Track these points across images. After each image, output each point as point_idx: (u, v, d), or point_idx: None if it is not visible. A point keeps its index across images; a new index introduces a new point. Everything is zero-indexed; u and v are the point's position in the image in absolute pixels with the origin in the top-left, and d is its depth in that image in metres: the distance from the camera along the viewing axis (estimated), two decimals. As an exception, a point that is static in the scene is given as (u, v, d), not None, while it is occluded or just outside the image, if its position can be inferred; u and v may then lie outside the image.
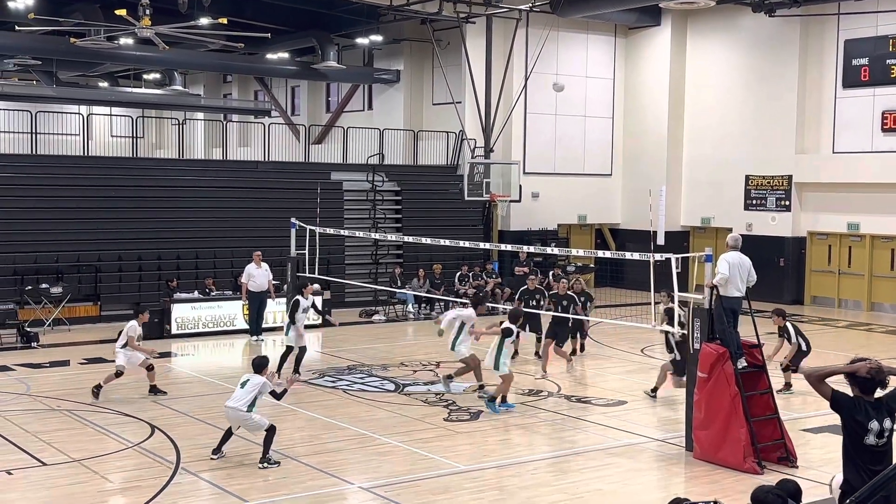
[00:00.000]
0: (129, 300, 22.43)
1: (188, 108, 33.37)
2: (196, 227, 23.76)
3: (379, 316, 23.89)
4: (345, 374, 16.88)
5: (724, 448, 11.29)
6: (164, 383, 16.09)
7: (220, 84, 41.05)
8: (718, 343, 11.49)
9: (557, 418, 13.89)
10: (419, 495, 10.27)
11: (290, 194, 24.56)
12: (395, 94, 31.50)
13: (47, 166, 23.45)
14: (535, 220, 28.74)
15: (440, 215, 26.90)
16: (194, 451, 11.77)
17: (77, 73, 35.19)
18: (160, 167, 25.94)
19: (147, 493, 10.11)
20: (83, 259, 22.18)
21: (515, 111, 28.30)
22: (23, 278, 21.25)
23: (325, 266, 21.98)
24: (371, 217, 26.44)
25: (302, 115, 35.71)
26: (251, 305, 20.35)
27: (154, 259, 23.15)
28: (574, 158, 30.09)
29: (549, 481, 11.01)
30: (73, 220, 22.32)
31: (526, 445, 12.64)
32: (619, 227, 31.13)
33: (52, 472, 10.96)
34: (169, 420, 13.30)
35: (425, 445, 12.19)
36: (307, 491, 10.38)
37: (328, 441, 12.44)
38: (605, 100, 30.63)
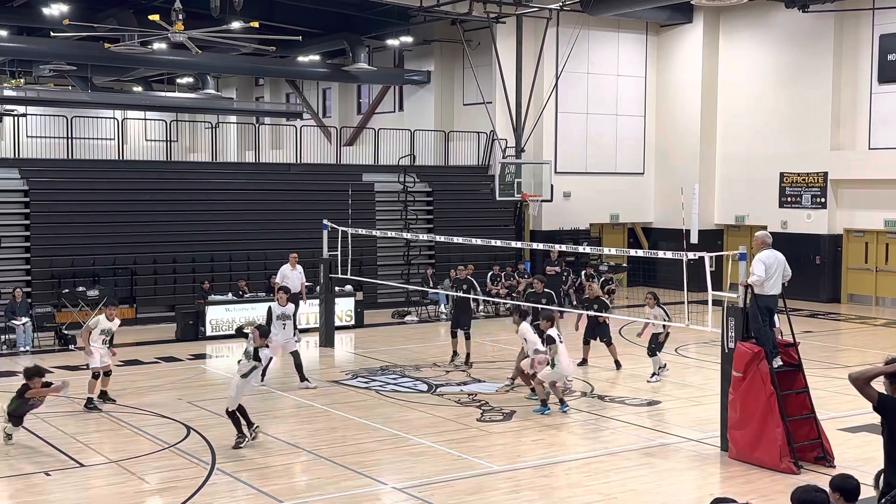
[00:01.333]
0: (164, 303, 22.70)
1: (221, 112, 33.64)
2: (229, 230, 23.94)
3: (411, 317, 23.94)
4: (378, 374, 16.93)
5: (759, 448, 11.19)
6: (199, 385, 16.28)
7: (252, 87, 41.35)
8: (754, 342, 11.39)
9: (591, 418, 13.83)
10: (453, 496, 10.27)
11: (321, 196, 24.67)
12: (426, 95, 31.54)
13: (83, 171, 23.74)
14: (566, 219, 28.64)
15: (472, 216, 26.89)
16: (230, 452, 11.86)
17: (111, 78, 35.59)
18: (194, 170, 26.16)
19: (183, 494, 10.20)
20: (119, 262, 22.43)
21: (546, 110, 28.23)
22: (60, 281, 21.53)
23: (357, 267, 22.05)
24: (403, 218, 26.49)
25: (333, 117, 35.86)
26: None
27: (188, 262, 23.36)
28: (606, 157, 29.96)
29: (582, 481, 10.96)
30: (109, 224, 22.56)
31: (559, 446, 12.59)
32: (651, 226, 30.95)
33: (90, 472, 11.09)
34: (204, 421, 13.41)
35: (459, 446, 12.19)
36: (341, 491, 10.42)
37: (362, 441, 12.48)
38: (637, 98, 30.47)
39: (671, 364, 18.08)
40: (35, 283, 21.59)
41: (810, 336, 20.52)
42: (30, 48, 27.54)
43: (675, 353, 18.98)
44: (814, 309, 24.96)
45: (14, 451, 11.98)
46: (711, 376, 15.95)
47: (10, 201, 22.00)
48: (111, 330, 14.40)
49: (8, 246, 21.73)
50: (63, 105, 30.03)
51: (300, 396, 15.24)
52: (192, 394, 15.26)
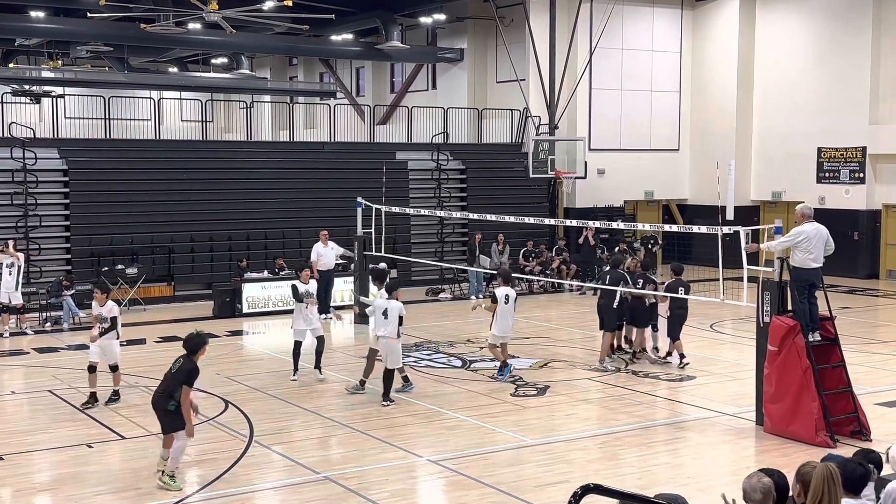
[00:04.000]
0: (201, 280, 22.96)
1: (255, 91, 33.82)
2: (265, 208, 24.14)
3: (445, 294, 24.02)
4: (412, 350, 17.04)
5: (795, 422, 11.15)
6: (236, 361, 16.49)
7: (286, 67, 41.50)
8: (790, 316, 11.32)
9: (625, 393, 13.84)
10: (487, 468, 10.36)
11: (355, 174, 24.77)
12: (459, 73, 31.48)
13: (121, 150, 24.03)
14: (601, 196, 28.52)
15: (505, 193, 26.86)
16: (267, 424, 12.04)
17: (147, 58, 35.87)
18: (229, 150, 26.38)
19: (222, 465, 10.38)
20: (157, 241, 22.71)
21: (580, 87, 28.07)
22: (99, 260, 21.87)
23: (391, 245, 22.15)
24: (436, 196, 26.54)
25: (367, 95, 35.92)
26: (320, 284, 20.60)
27: (225, 240, 23.60)
28: (640, 134, 29.76)
29: (617, 455, 11.00)
30: (147, 203, 22.83)
31: (594, 420, 12.63)
32: (686, 202, 30.73)
33: (131, 445, 11.31)
34: (242, 396, 13.60)
35: (493, 420, 12.27)
36: (377, 463, 10.54)
37: (396, 416, 12.59)
38: (672, 73, 30.19)
39: (707, 340, 18.06)
40: (75, 262, 21.93)
41: (848, 312, 20.32)
42: (67, 29, 27.82)
43: (710, 329, 18.93)
44: (852, 285, 24.70)
45: (56, 423, 12.24)
46: (746, 352, 15.91)
47: (51, 181, 22.32)
48: (104, 317, 12.85)
49: (49, 225, 22.08)
50: (100, 86, 30.35)
51: (334, 371, 15.40)
52: (229, 369, 15.47)
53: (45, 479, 10.22)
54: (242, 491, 9.72)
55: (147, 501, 9.29)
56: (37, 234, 21.78)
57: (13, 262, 18.43)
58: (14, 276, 18.40)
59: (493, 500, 9.28)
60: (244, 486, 9.84)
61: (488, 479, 9.93)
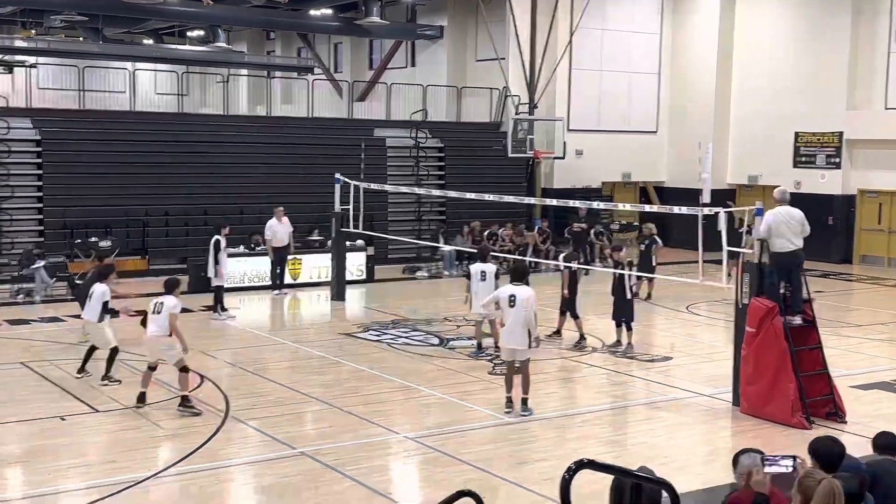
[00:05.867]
0: (176, 254, 22.74)
1: (232, 65, 33.37)
2: (241, 183, 23.91)
3: (422, 272, 23.97)
4: (389, 328, 16.98)
5: (772, 403, 11.21)
6: (211, 336, 16.38)
7: (264, 41, 41.07)
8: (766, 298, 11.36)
9: (602, 373, 13.87)
10: (465, 445, 10.34)
11: (333, 150, 24.59)
12: (439, 51, 31.29)
13: (95, 122, 23.66)
14: (579, 177, 28.50)
15: (483, 172, 26.76)
16: (242, 399, 11.95)
17: (122, 29, 35.39)
18: (205, 123, 26.04)
19: (198, 440, 10.29)
20: (130, 213, 22.44)
21: (560, 67, 27.98)
22: (73, 232, 21.58)
23: (368, 222, 22.01)
24: (414, 174, 26.42)
25: (345, 72, 35.64)
26: (274, 261, 20.50)
27: (200, 214, 23.36)
28: (619, 115, 29.75)
29: (594, 434, 11.02)
30: (121, 175, 22.54)
31: (571, 399, 12.65)
32: (664, 185, 30.80)
33: (105, 418, 11.19)
34: (218, 371, 13.50)
35: (470, 397, 12.24)
36: (355, 440, 10.49)
37: (374, 392, 12.54)
38: (652, 55, 30.18)
39: (683, 321, 18.15)
40: (48, 233, 21.64)
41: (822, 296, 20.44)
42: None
43: (686, 311, 19.00)
44: (826, 269, 24.89)
45: (29, 395, 12.08)
46: (721, 333, 16.03)
47: (23, 150, 21.98)
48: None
49: (21, 196, 21.75)
50: (74, 56, 29.85)
51: (311, 347, 15.33)
52: (204, 344, 15.30)
53: (17, 451, 10.09)
54: (218, 465, 9.64)
55: (120, 474, 9.19)
56: (8, 204, 21.45)
57: None
58: None
59: (470, 476, 9.25)
60: (220, 461, 9.76)
61: (466, 456, 9.91)
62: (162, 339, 11.34)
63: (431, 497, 8.65)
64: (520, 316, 11.11)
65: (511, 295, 11.26)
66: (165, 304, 11.34)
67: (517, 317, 11.13)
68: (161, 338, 11.33)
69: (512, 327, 11.19)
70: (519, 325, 11.14)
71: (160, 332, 11.32)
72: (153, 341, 11.42)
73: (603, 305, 17.45)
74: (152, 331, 11.37)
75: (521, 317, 11.11)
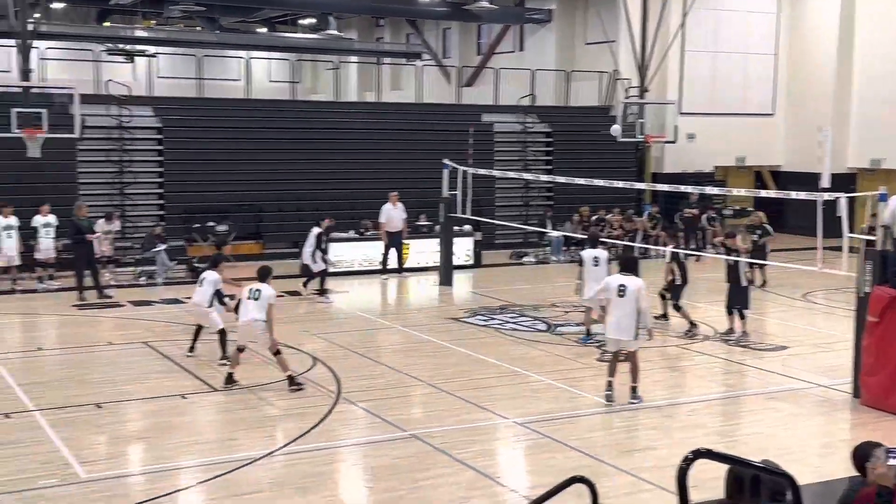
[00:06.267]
0: (289, 238, 23.23)
1: (342, 52, 33.94)
2: (351, 169, 24.27)
3: (529, 258, 23.90)
4: (496, 313, 17.01)
5: (894, 394, 10.78)
6: (323, 318, 16.70)
7: (373, 28, 41.51)
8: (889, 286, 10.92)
9: (714, 361, 13.59)
10: (573, 432, 10.29)
11: (441, 136, 24.69)
12: (547, 34, 31.04)
13: (212, 109, 24.38)
14: (690, 162, 27.91)
15: (592, 157, 26.48)
16: (353, 382, 12.16)
17: (237, 18, 36.31)
18: (316, 110, 26.55)
19: (311, 420, 10.52)
20: (246, 199, 23.04)
21: (672, 49, 27.39)
22: (191, 217, 22.29)
23: (476, 207, 22.07)
24: (522, 159, 26.33)
25: (453, 57, 35.73)
26: (389, 245, 20.72)
27: (311, 199, 23.82)
28: (733, 97, 28.96)
29: (705, 423, 10.82)
30: (236, 162, 23.16)
31: (682, 387, 12.44)
32: (780, 169, 29.88)
33: (222, 397, 11.54)
34: (330, 353, 13.76)
35: (578, 384, 12.17)
36: (463, 423, 10.56)
37: (481, 377, 12.59)
38: (768, 35, 29.24)
39: (800, 310, 17.63)
40: (168, 218, 22.41)
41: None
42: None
43: (803, 300, 18.44)
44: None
45: (152, 374, 12.57)
46: (840, 323, 15.48)
47: (145, 138, 22.81)
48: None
49: (143, 181, 22.59)
50: (192, 45, 30.81)
51: (420, 332, 15.48)
52: (315, 327, 15.67)
53: (139, 427, 10.52)
54: (330, 445, 9.85)
55: (237, 452, 9.48)
56: (131, 190, 22.31)
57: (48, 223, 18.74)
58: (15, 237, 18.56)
59: (579, 462, 9.21)
60: (332, 442, 9.97)
61: (574, 443, 9.86)
62: (259, 324, 11.60)
63: (539, 482, 8.65)
64: (629, 307, 10.94)
65: (621, 285, 11.06)
66: (264, 293, 11.63)
67: (626, 308, 10.95)
68: (258, 322, 11.59)
69: (620, 319, 11.01)
70: (627, 317, 10.96)
71: (258, 317, 11.57)
72: (250, 326, 11.67)
73: (715, 293, 17.11)
74: (251, 316, 11.62)
75: (631, 308, 10.93)
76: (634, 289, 10.98)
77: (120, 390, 11.81)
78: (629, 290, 10.97)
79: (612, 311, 11.10)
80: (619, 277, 11.21)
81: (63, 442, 9.69)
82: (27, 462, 9.13)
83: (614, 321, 11.08)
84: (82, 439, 9.89)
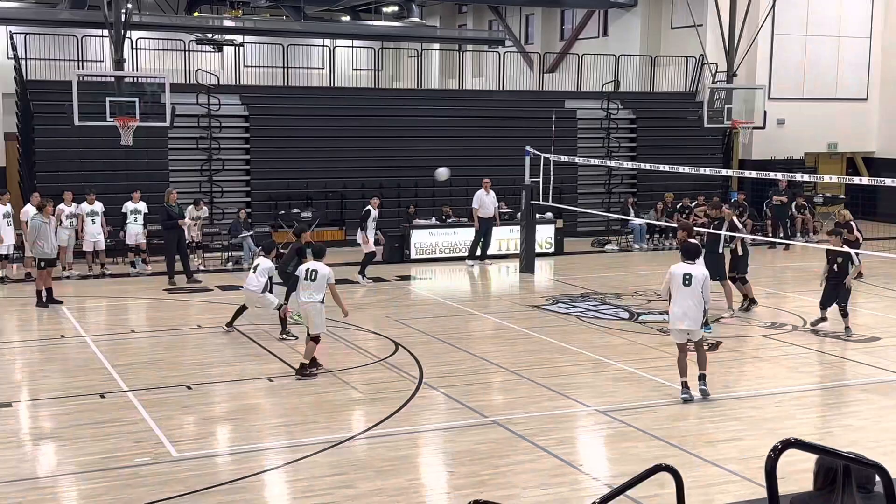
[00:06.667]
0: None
1: (425, 40, 34.03)
2: (433, 156, 24.29)
3: (611, 246, 23.68)
4: (578, 301, 16.92)
5: None
6: (406, 303, 16.85)
7: (456, 15, 41.51)
8: None
9: (803, 352, 13.29)
10: (657, 421, 10.19)
11: (524, 123, 24.61)
12: (632, 19, 30.62)
13: (297, 98, 24.75)
14: (779, 148, 27.27)
15: (677, 143, 26.08)
16: (436, 367, 12.25)
17: (322, 7, 36.68)
18: (399, 98, 26.70)
19: (393, 405, 10.64)
20: (329, 186, 23.35)
21: (761, 33, 26.75)
22: (276, 203, 22.69)
23: (557, 194, 21.96)
24: (605, 146, 26.07)
25: (536, 43, 35.51)
26: (479, 231, 20.76)
27: (394, 186, 24.01)
28: (825, 82, 28.17)
29: (793, 414, 10.59)
30: (320, 149, 23.47)
31: (768, 378, 12.19)
32: (873, 155, 28.97)
33: (307, 381, 11.73)
34: (412, 339, 13.87)
35: (662, 373, 12.03)
36: (545, 411, 10.55)
37: (563, 365, 12.55)
38: (863, 18, 28.33)
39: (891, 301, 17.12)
40: (254, 205, 22.85)
41: None
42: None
43: (887, 289, 17.88)
44: None
45: (239, 357, 12.86)
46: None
47: (233, 126, 23.27)
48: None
49: (230, 169, 23.07)
50: (278, 34, 31.28)
51: (501, 318, 15.50)
52: (398, 312, 15.82)
53: (227, 409, 10.77)
54: (412, 430, 9.94)
55: (321, 435, 9.65)
56: (220, 177, 22.80)
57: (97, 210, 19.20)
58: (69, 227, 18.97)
59: (662, 452, 9.12)
60: (414, 426, 10.07)
61: (657, 432, 9.77)
62: (316, 306, 11.69)
63: (622, 471, 8.60)
64: (695, 295, 10.72)
65: (686, 273, 10.81)
66: (320, 272, 11.67)
67: (692, 297, 10.72)
68: (316, 304, 11.69)
69: (686, 308, 10.74)
70: (694, 306, 10.74)
71: (316, 298, 11.64)
72: (307, 307, 11.74)
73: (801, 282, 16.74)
74: (310, 297, 11.68)
75: (696, 296, 10.72)
76: (701, 277, 10.77)
77: (209, 372, 12.13)
78: (695, 278, 10.74)
79: (678, 301, 10.80)
80: (684, 266, 10.92)
81: (155, 421, 10.00)
82: (122, 440, 9.45)
83: (680, 311, 10.79)
84: (173, 419, 10.19)
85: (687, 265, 10.90)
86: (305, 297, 11.74)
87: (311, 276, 11.74)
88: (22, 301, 16.64)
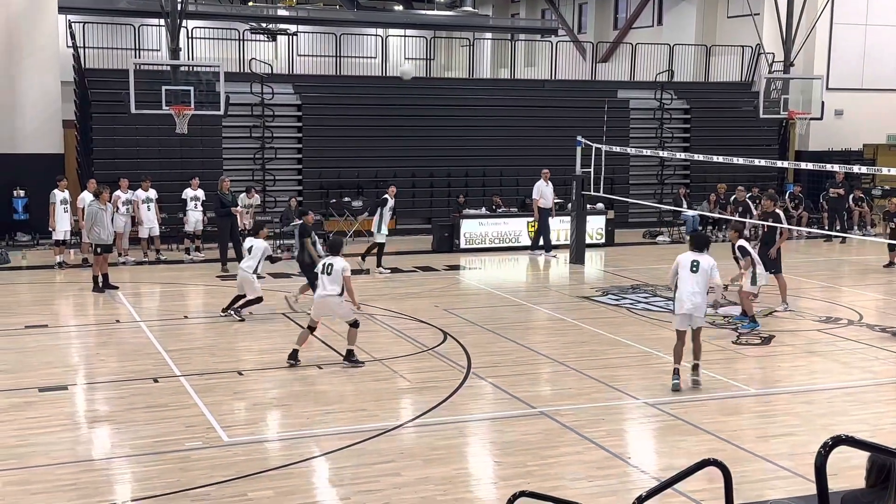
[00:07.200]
0: (421, 215, 23.56)
1: (477, 29, 33.96)
2: (483, 146, 24.34)
3: (663, 237, 23.46)
4: (628, 292, 16.80)
5: None
6: (454, 294, 16.87)
7: (508, 4, 41.36)
8: None
9: (858, 347, 13.05)
10: (707, 415, 10.09)
11: (575, 113, 24.48)
12: (687, 8, 30.23)
13: (349, 87, 24.87)
14: (837, 139, 26.77)
15: (731, 134, 25.74)
16: (484, 357, 12.26)
17: (375, -3, 36.86)
18: (451, 87, 26.70)
19: (442, 394, 10.68)
20: (380, 175, 23.45)
21: (820, 22, 26.24)
22: (328, 192, 22.85)
23: (609, 185, 21.81)
24: (658, 136, 25.81)
25: (589, 32, 35.26)
26: (540, 221, 20.70)
27: (444, 176, 24.04)
28: (886, 73, 27.57)
29: (847, 410, 10.42)
30: (372, 139, 23.57)
31: (822, 373, 12.00)
32: (934, 147, 28.31)
33: (356, 369, 11.81)
34: (460, 328, 13.90)
35: (712, 367, 11.90)
36: (593, 402, 10.51)
37: (612, 357, 12.49)
38: (925, 6, 27.66)
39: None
40: (306, 193, 23.03)
41: None
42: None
43: (956, 285, 17.48)
44: None
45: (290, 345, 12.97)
46: None
47: (286, 115, 23.47)
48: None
49: (283, 157, 23.27)
50: (331, 24, 31.45)
51: (550, 309, 15.45)
52: (447, 302, 15.85)
53: (277, 395, 10.89)
54: (460, 420, 9.97)
55: (370, 422, 9.71)
56: (272, 165, 23.02)
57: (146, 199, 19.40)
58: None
59: (711, 446, 9.03)
60: (462, 416, 10.09)
61: (707, 426, 9.67)
62: (334, 298, 11.71)
63: (670, 465, 8.54)
64: (701, 282, 10.82)
65: (694, 261, 10.92)
66: (336, 266, 11.65)
67: (698, 283, 10.82)
68: (332, 297, 11.70)
69: (692, 294, 10.82)
70: (700, 293, 10.83)
71: (332, 291, 11.65)
72: (324, 300, 11.75)
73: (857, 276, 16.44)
74: (326, 290, 11.70)
75: (703, 283, 10.83)
76: (707, 266, 10.88)
77: (259, 359, 12.27)
78: (702, 265, 10.86)
79: (683, 287, 10.89)
80: (691, 254, 11.03)
81: (207, 406, 10.15)
82: (175, 425, 9.61)
83: (686, 296, 10.86)
84: (224, 404, 10.33)
85: (694, 254, 11.05)
86: (323, 290, 11.82)
87: (328, 269, 11.80)
88: (79, 286, 17.00)
